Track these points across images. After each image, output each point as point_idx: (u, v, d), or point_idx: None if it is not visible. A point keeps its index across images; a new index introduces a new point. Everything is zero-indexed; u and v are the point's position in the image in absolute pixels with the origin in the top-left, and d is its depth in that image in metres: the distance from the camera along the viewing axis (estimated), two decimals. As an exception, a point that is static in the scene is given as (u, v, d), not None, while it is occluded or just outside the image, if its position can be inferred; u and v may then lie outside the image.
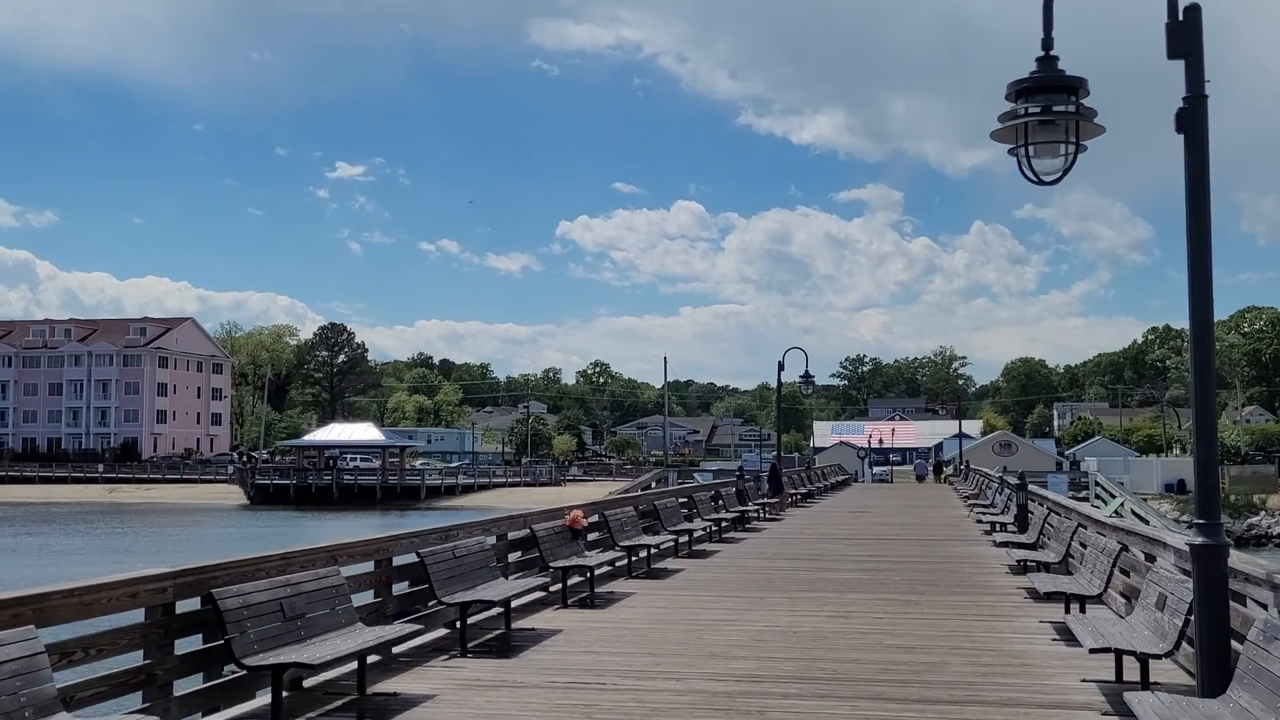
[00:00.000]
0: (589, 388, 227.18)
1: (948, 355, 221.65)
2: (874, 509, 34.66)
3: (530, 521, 13.41)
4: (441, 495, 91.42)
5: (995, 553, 18.54)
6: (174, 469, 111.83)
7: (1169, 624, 7.81)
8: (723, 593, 14.35)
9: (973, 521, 27.53)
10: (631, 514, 17.52)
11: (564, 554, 13.62)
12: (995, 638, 10.89)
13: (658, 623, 11.82)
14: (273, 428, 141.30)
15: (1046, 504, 19.02)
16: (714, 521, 22.60)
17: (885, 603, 13.34)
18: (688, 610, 12.74)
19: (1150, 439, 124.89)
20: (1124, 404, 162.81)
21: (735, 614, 12.46)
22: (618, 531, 16.27)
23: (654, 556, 18.01)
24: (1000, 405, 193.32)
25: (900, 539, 22.92)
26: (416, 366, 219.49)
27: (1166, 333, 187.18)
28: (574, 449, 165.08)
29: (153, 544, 54.58)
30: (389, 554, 9.98)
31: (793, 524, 27.38)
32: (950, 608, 12.96)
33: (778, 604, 13.27)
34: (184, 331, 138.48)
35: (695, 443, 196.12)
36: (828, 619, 12.10)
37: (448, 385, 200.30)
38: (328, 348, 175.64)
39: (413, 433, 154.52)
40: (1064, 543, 13.91)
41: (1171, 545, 9.29)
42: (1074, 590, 10.81)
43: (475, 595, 10.26)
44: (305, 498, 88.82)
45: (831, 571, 16.77)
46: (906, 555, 19.38)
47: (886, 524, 27.66)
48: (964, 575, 16.22)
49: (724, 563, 18.25)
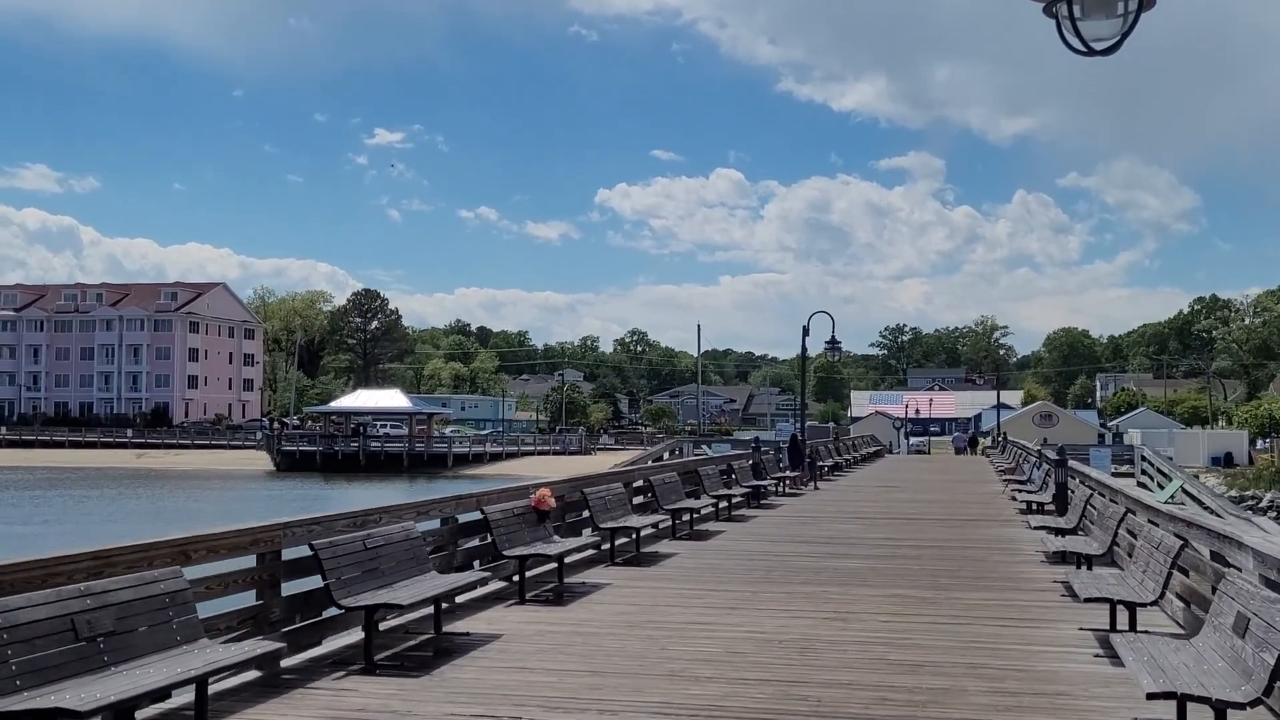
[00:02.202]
0: (626, 356, 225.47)
1: (989, 325, 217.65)
2: (903, 484, 32.61)
3: (483, 502, 11.55)
4: (469, 463, 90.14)
5: (1030, 537, 16.50)
6: (203, 434, 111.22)
7: (1255, 659, 5.83)
8: (710, 585, 12.45)
9: (1007, 499, 25.47)
10: (620, 491, 15.64)
11: (524, 540, 11.76)
12: (1024, 652, 8.93)
13: (620, 626, 9.95)
14: (305, 394, 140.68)
15: (1089, 483, 16.95)
16: (722, 498, 20.72)
17: (896, 600, 11.39)
18: (661, 609, 10.86)
19: (1195, 411, 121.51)
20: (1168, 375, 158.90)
21: (716, 615, 10.57)
22: (600, 512, 14.39)
23: (646, 539, 16.18)
24: (1042, 376, 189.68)
25: (925, 519, 20.90)
26: (453, 334, 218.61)
27: (1213, 303, 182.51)
28: (609, 417, 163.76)
29: (152, 509, 53.87)
30: (275, 546, 8.13)
31: (812, 500, 25.42)
32: (972, 608, 10.99)
33: (769, 601, 11.35)
34: (215, 297, 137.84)
35: (732, 412, 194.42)
36: (824, 622, 10.18)
37: (484, 353, 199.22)
38: (361, 314, 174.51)
39: (446, 400, 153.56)
40: (1109, 530, 11.89)
41: (1251, 547, 7.28)
42: (1122, 596, 8.82)
43: (386, 597, 8.40)
44: (332, 465, 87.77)
45: (841, 559, 14.82)
46: (929, 539, 17.37)
47: (913, 501, 25.65)
48: (992, 565, 14.22)
49: (723, 546, 16.35)
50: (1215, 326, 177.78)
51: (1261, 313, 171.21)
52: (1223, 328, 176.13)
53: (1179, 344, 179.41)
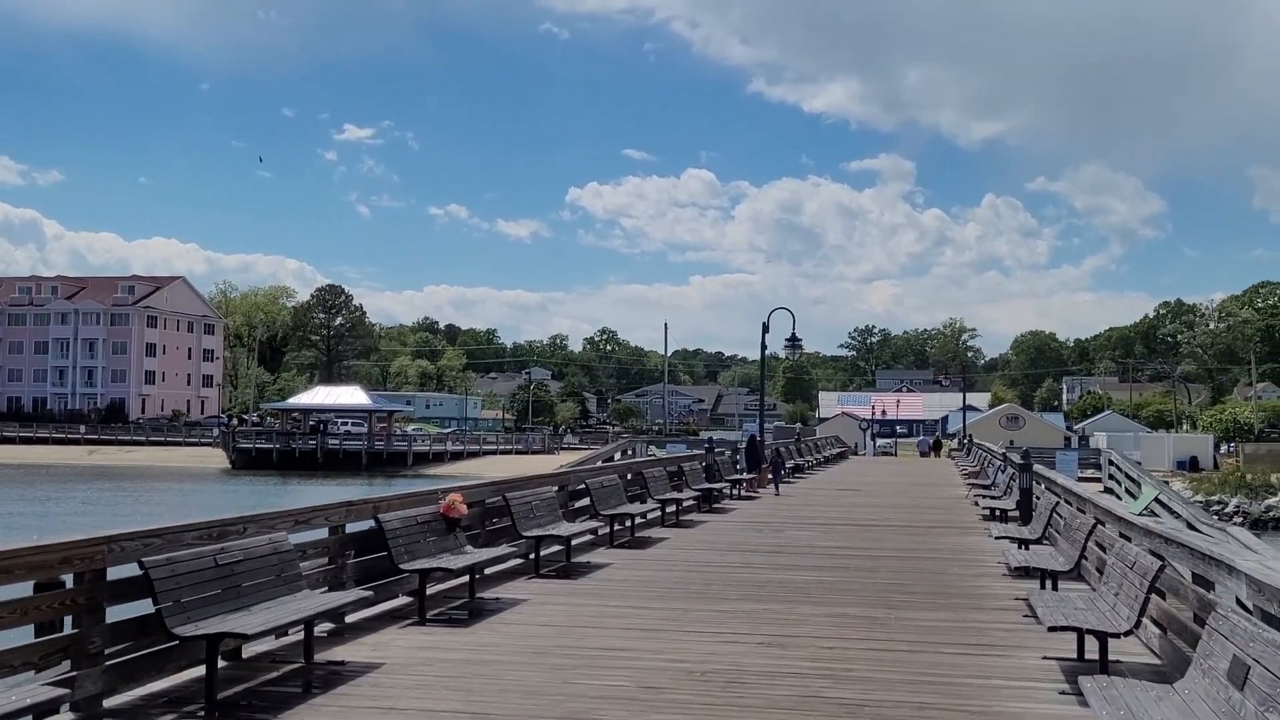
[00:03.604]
0: (595, 355, 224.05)
1: (957, 327, 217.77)
2: (865, 487, 31.52)
3: (380, 509, 10.28)
4: (430, 462, 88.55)
5: (992, 547, 15.40)
6: (159, 431, 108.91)
7: (1256, 716, 4.69)
8: (639, 602, 11.24)
9: (970, 504, 24.43)
10: (549, 495, 14.40)
11: (428, 551, 10.52)
12: (980, 688, 7.77)
13: (524, 653, 8.72)
14: (266, 390, 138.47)
15: (1055, 490, 15.87)
16: (670, 502, 19.53)
17: (842, 621, 10.22)
18: (577, 631, 9.64)
19: (1160, 414, 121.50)
20: (1134, 379, 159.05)
21: (637, 639, 9.36)
22: (524, 518, 13.17)
23: (581, 547, 14.98)
24: (1009, 378, 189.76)
25: (883, 525, 19.78)
26: (420, 331, 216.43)
27: (1179, 308, 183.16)
28: (577, 416, 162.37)
29: (65, 510, 51.35)
30: (97, 564, 6.83)
31: (767, 505, 24.26)
32: (927, 630, 9.84)
33: (700, 622, 10.15)
34: (174, 291, 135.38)
35: (700, 412, 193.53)
36: (758, 649, 8.98)
37: (451, 350, 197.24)
38: (325, 310, 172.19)
39: (410, 398, 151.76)
40: (1077, 544, 10.77)
41: (1244, 573, 6.14)
42: (1093, 625, 7.67)
43: (233, 624, 7.15)
44: (289, 463, 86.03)
45: (788, 570, 13.64)
46: (885, 548, 16.23)
47: (873, 506, 24.54)
48: (950, 579, 13.08)
49: (663, 556, 15.15)
50: (1180, 331, 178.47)
51: (1226, 318, 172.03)
52: (1188, 332, 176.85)
53: (1145, 348, 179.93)
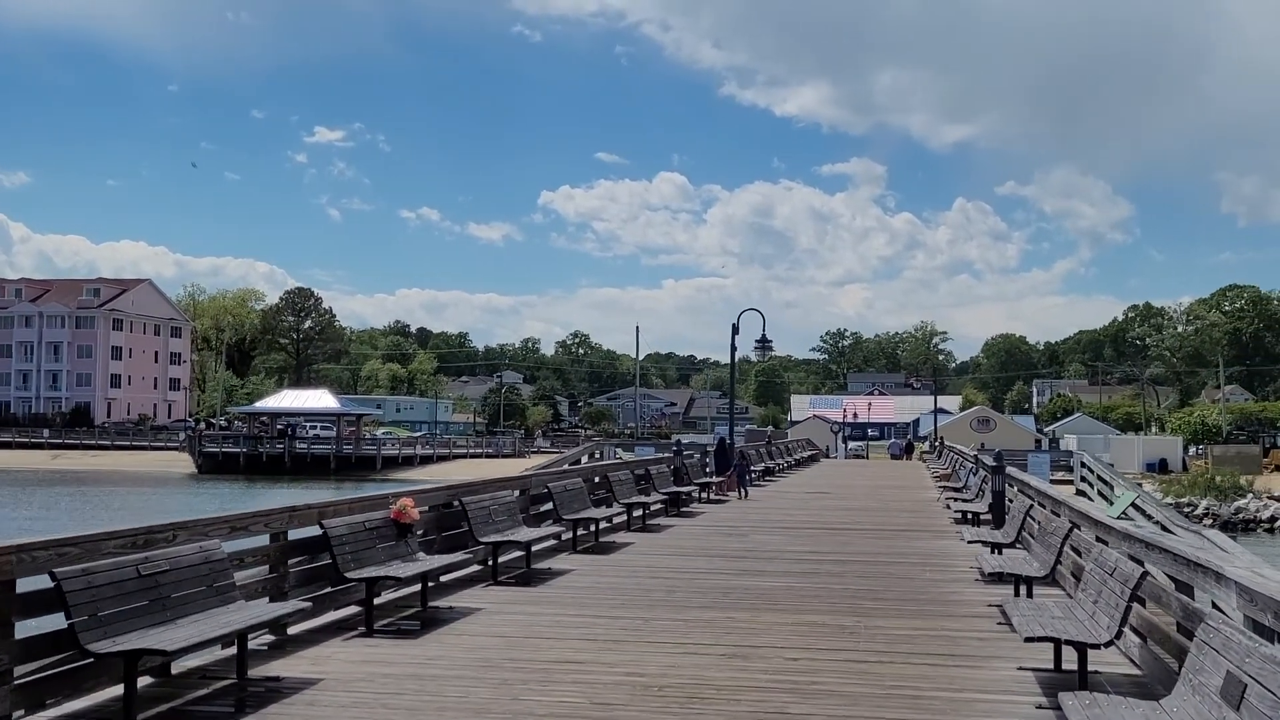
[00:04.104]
0: (567, 359, 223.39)
1: (928, 331, 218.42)
2: (835, 490, 31.17)
3: (325, 514, 9.78)
4: (399, 466, 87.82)
5: (964, 551, 15.03)
6: (125, 435, 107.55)
7: (1255, 741, 4.29)
8: (598, 610, 10.78)
9: (942, 506, 24.11)
10: (509, 500, 13.92)
11: (377, 559, 10.03)
12: (952, 701, 7.36)
13: (473, 666, 8.25)
14: (234, 394, 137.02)
15: (1029, 492, 15.53)
16: (636, 506, 19.08)
17: (810, 630, 9.80)
18: (531, 643, 9.17)
19: (1129, 417, 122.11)
20: (1103, 382, 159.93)
21: (594, 650, 8.90)
22: (481, 524, 12.68)
23: (541, 553, 14.51)
24: (980, 381, 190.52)
25: (853, 529, 19.40)
26: (392, 334, 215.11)
27: (1147, 311, 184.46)
28: (549, 420, 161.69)
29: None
30: (7, 575, 6.32)
31: (736, 509, 23.85)
32: (896, 640, 9.42)
33: (662, 631, 9.71)
34: (141, 293, 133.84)
35: (673, 415, 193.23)
36: (720, 660, 8.54)
37: (422, 354, 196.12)
38: (294, 313, 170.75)
39: (380, 401, 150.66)
40: (1052, 549, 10.39)
41: (1234, 580, 5.75)
42: (1071, 636, 7.28)
43: (154, 640, 6.65)
44: (256, 467, 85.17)
45: (755, 576, 13.21)
46: (855, 552, 15.83)
47: (843, 509, 24.17)
48: (921, 585, 12.69)
49: (627, 561, 14.70)
50: (1149, 334, 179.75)
51: (1194, 321, 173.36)
52: (1156, 335, 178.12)
53: (1114, 351, 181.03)
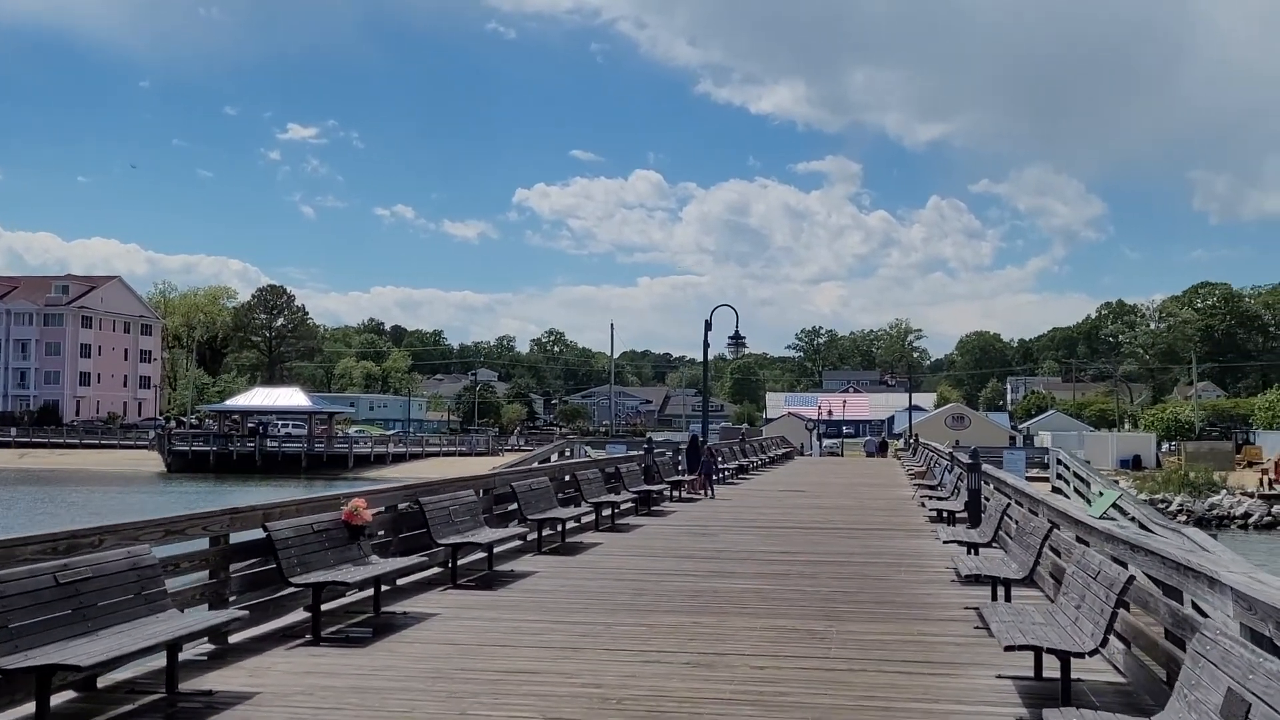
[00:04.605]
0: (543, 356, 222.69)
1: (903, 328, 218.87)
2: (809, 488, 30.80)
3: (270, 516, 9.29)
4: (371, 464, 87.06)
5: (940, 551, 14.64)
6: (94, 434, 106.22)
7: (1261, 768, 3.88)
8: (560, 615, 10.32)
9: (917, 505, 23.76)
10: (470, 500, 13.44)
11: (326, 563, 9.54)
12: (929, 716, 6.94)
13: (422, 677, 7.78)
14: (205, 392, 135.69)
15: (1005, 490, 15.16)
16: (605, 505, 18.64)
17: (779, 636, 9.37)
18: (486, 650, 8.70)
19: (1103, 413, 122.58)
20: (1077, 378, 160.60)
21: (552, 658, 8.44)
22: (441, 525, 12.21)
23: (505, 554, 14.05)
24: (955, 378, 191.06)
25: (826, 529, 19.00)
26: (366, 332, 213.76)
27: (1120, 308, 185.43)
28: (524, 418, 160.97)
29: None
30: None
31: (707, 507, 23.43)
32: (868, 646, 9.01)
33: (625, 637, 9.26)
34: (110, 290, 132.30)
35: (648, 413, 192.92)
36: (684, 669, 8.10)
37: (396, 352, 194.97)
38: (266, 310, 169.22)
39: (354, 399, 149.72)
40: (1031, 550, 10.00)
41: (1230, 587, 5.35)
42: (1054, 644, 6.87)
43: (69, 654, 6.15)
44: (226, 465, 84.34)
45: (725, 578, 12.79)
46: (828, 553, 15.43)
47: (817, 507, 23.78)
48: (896, 586, 12.29)
49: (594, 562, 14.25)
50: (1122, 331, 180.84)
51: (1166, 318, 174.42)
52: (1129, 332, 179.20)
53: (1087, 348, 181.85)
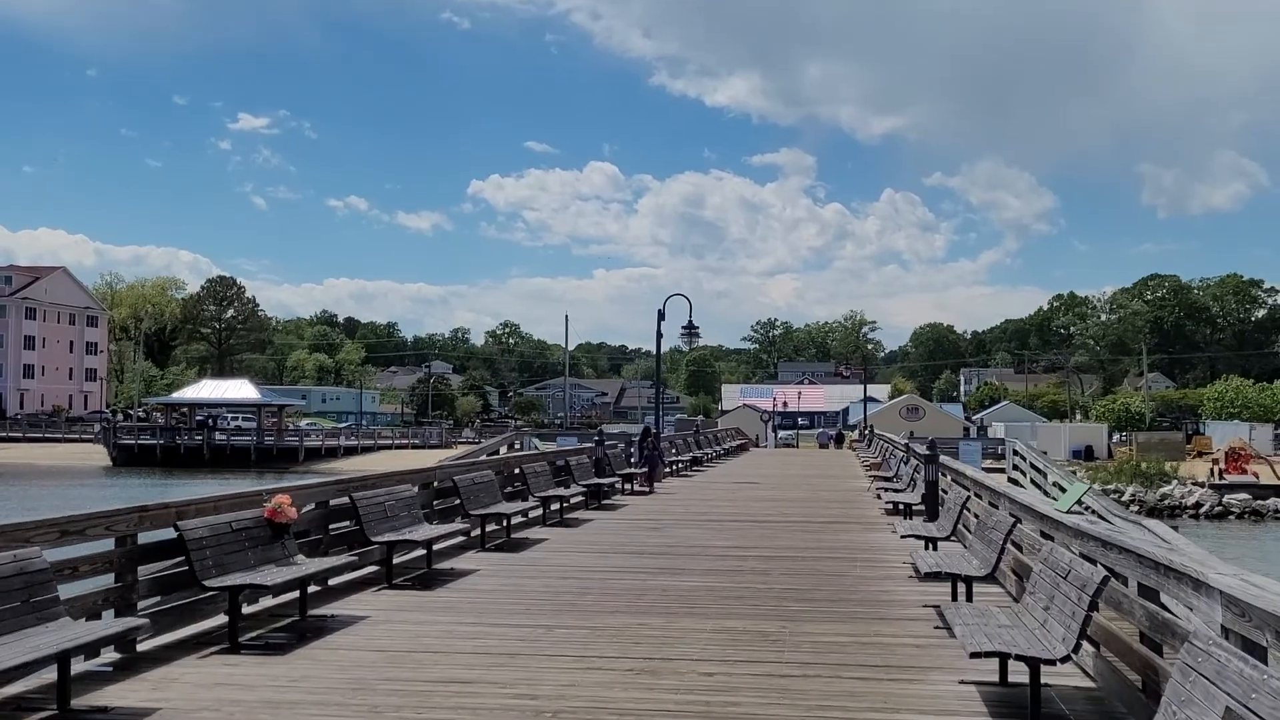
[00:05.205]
0: (498, 349, 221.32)
1: (858, 320, 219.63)
2: (763, 480, 30.37)
3: (183, 515, 8.62)
4: (322, 457, 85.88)
5: (897, 545, 14.21)
6: (38, 427, 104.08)
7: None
8: (498, 617, 9.74)
9: (873, 496, 23.39)
10: (408, 495, 12.81)
11: (246, 564, 8.89)
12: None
13: (341, 689, 7.16)
14: (153, 385, 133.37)
15: (964, 482, 14.74)
16: (553, 499, 18.06)
17: (730, 638, 8.84)
18: (415, 657, 8.10)
19: (1055, 404, 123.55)
20: (1029, 370, 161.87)
21: (486, 666, 7.85)
22: (376, 521, 11.58)
23: (446, 551, 13.45)
24: (909, 370, 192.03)
25: (780, 521, 18.51)
26: (319, 324, 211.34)
27: (1071, 300, 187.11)
28: (479, 410, 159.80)
29: None
30: None
31: (659, 500, 22.91)
32: (823, 649, 8.50)
33: (564, 642, 8.69)
34: (55, 282, 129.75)
35: (603, 405, 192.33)
36: (627, 677, 7.55)
37: (350, 344, 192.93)
38: (216, 302, 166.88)
39: (306, 392, 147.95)
40: (994, 545, 9.54)
41: (1220, 590, 4.87)
42: (1022, 650, 6.38)
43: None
44: (173, 459, 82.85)
45: (674, 575, 12.26)
46: (782, 547, 14.92)
47: (771, 500, 23.33)
48: (852, 583, 11.81)
49: (538, 560, 13.66)
50: (1073, 323, 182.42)
51: (1117, 310, 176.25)
52: (1080, 324, 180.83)
53: (1039, 340, 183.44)
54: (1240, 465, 52.34)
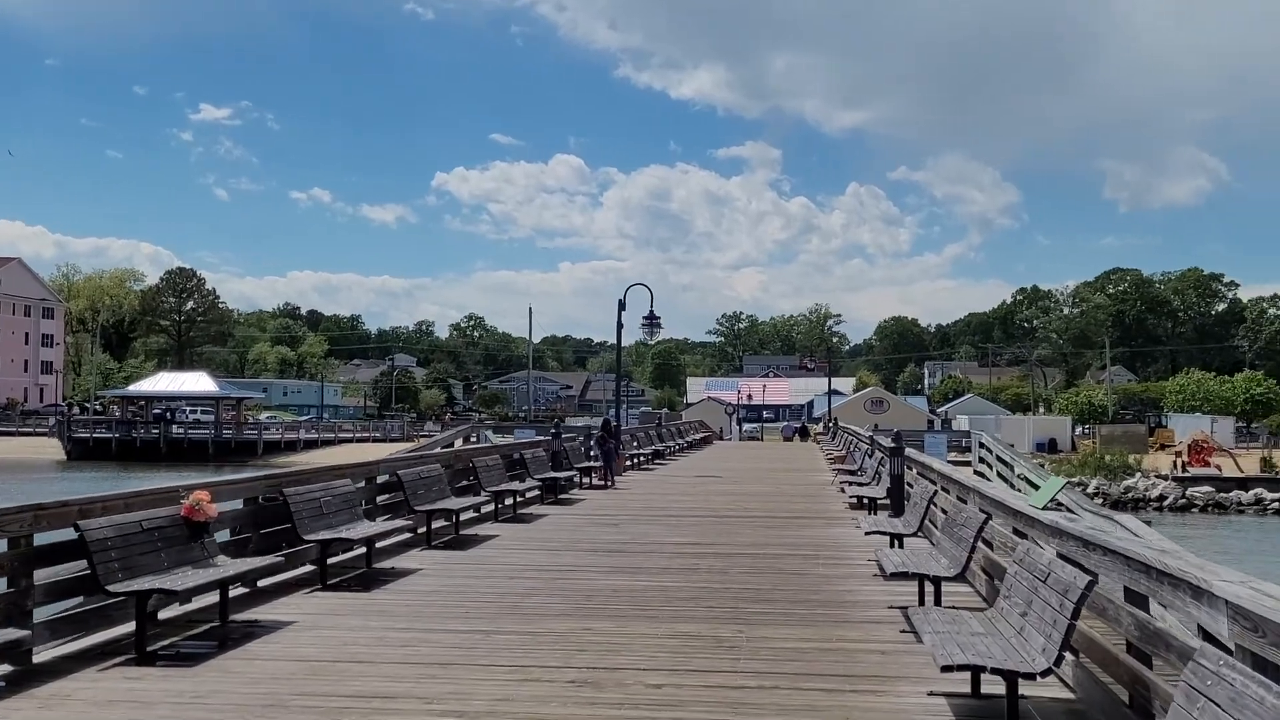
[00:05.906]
0: (462, 341, 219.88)
1: (823, 314, 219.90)
2: (726, 473, 29.79)
3: (85, 514, 7.90)
4: (281, 451, 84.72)
5: (861, 542, 13.63)
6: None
7: None
8: (435, 622, 9.08)
9: (836, 490, 22.85)
10: (346, 490, 12.11)
11: (155, 566, 8.18)
12: (851, 745, 5.86)
13: (255, 703, 6.47)
14: (111, 378, 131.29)
15: (931, 476, 14.19)
16: (506, 494, 17.39)
17: (681, 645, 8.22)
18: (339, 667, 7.42)
19: (1018, 397, 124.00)
20: (993, 363, 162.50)
21: (416, 677, 7.19)
22: (310, 519, 10.89)
23: (390, 549, 12.77)
24: (873, 363, 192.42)
25: (741, 517, 17.91)
26: (281, 317, 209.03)
27: (1034, 294, 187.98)
28: (443, 403, 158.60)
29: None
30: None
31: (618, 495, 22.27)
32: (784, 655, 7.89)
33: (504, 649, 8.03)
34: (9, 273, 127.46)
35: (569, 398, 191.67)
36: (567, 689, 6.92)
37: (312, 337, 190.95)
38: (175, 294, 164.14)
39: (267, 385, 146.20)
40: (964, 544, 8.98)
41: (1224, 599, 4.29)
42: (999, 662, 5.81)
43: None
44: (130, 453, 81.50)
45: (626, 575, 11.63)
46: (742, 544, 14.32)
47: (733, 494, 22.74)
48: (814, 582, 11.22)
49: (484, 558, 12.98)
50: (1036, 316, 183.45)
51: (1079, 303, 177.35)
52: (1043, 317, 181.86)
53: (1003, 333, 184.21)
54: (1203, 458, 52.45)
